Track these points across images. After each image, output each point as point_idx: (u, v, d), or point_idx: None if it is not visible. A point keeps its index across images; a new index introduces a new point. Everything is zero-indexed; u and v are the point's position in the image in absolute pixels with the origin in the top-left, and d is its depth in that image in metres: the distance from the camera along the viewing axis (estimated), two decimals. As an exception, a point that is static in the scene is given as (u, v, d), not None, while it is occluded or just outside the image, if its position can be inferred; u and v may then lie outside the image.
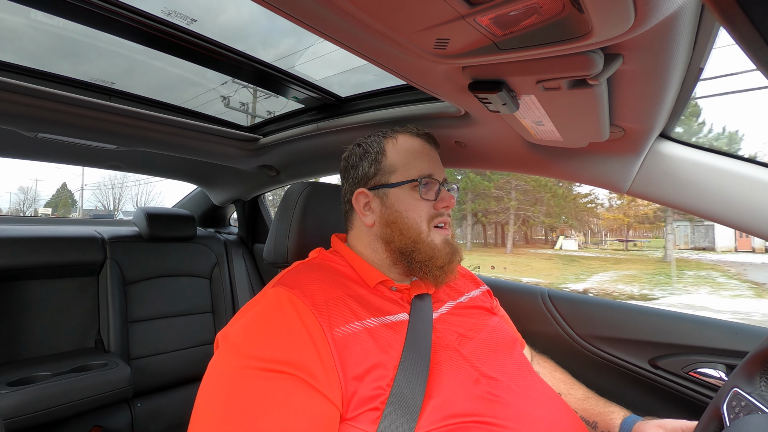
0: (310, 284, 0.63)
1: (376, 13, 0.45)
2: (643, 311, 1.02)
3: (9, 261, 1.32)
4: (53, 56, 1.01)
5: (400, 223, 0.72)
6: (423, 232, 0.72)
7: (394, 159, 0.75)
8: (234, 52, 0.92)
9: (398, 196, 0.73)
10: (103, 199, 24.26)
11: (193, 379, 1.61)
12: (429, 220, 0.73)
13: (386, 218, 0.73)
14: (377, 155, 0.76)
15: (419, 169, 0.74)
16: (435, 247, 0.71)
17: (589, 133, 0.75)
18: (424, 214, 0.73)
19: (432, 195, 0.74)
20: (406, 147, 0.76)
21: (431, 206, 0.73)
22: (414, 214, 0.72)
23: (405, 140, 0.77)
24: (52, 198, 24.41)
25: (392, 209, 0.73)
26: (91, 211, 23.16)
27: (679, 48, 0.48)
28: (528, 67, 0.53)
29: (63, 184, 24.01)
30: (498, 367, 0.66)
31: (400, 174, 0.74)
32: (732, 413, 0.47)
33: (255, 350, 0.53)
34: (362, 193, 0.76)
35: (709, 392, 0.87)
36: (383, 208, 0.74)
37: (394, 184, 0.73)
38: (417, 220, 0.72)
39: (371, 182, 0.76)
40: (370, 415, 0.52)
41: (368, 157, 0.77)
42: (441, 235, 0.73)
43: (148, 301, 1.58)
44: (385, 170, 0.75)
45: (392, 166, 0.75)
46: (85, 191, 24.06)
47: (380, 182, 0.75)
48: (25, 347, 1.33)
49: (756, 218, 0.75)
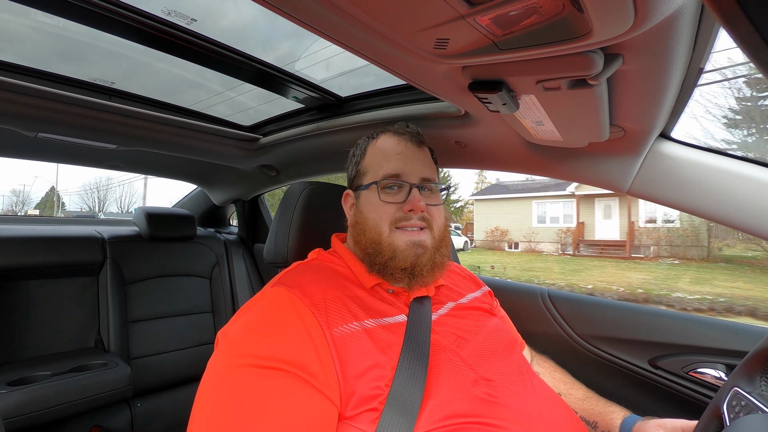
0: (309, 284, 0.63)
1: (376, 13, 0.46)
2: (643, 311, 1.02)
3: (9, 261, 1.32)
4: (55, 58, 1.01)
5: (362, 223, 0.73)
6: (383, 233, 0.70)
7: (368, 160, 0.76)
8: (234, 52, 0.92)
9: (366, 198, 0.74)
10: (89, 201, 26.29)
11: (193, 379, 1.61)
12: (392, 223, 0.70)
13: (355, 218, 0.75)
14: (359, 157, 0.79)
15: (386, 170, 0.73)
16: (396, 248, 0.69)
17: (589, 133, 0.75)
18: (386, 215, 0.70)
19: (398, 197, 0.71)
20: (381, 147, 0.76)
21: (398, 209, 0.70)
22: (374, 215, 0.71)
23: (383, 140, 0.77)
24: (41, 200, 26.40)
25: (359, 210, 0.75)
26: (75, 212, 24.57)
27: (679, 48, 0.48)
28: (528, 67, 0.53)
29: (51, 187, 25.63)
30: (497, 368, 0.66)
31: (370, 175, 0.75)
32: (732, 413, 0.47)
33: (254, 348, 0.53)
34: (348, 194, 0.80)
35: (709, 392, 0.87)
36: (356, 209, 0.76)
37: (365, 185, 0.75)
38: (377, 221, 0.70)
39: (353, 184, 0.79)
40: (369, 415, 0.53)
41: (354, 159, 0.80)
42: (405, 236, 0.69)
43: (148, 301, 1.58)
44: (360, 172, 0.77)
45: (366, 167, 0.76)
46: (72, 195, 26.56)
47: (358, 184, 0.77)
48: (25, 347, 1.33)
49: (756, 218, 0.75)
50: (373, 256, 0.70)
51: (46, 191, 25.67)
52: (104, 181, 26.11)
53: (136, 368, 1.45)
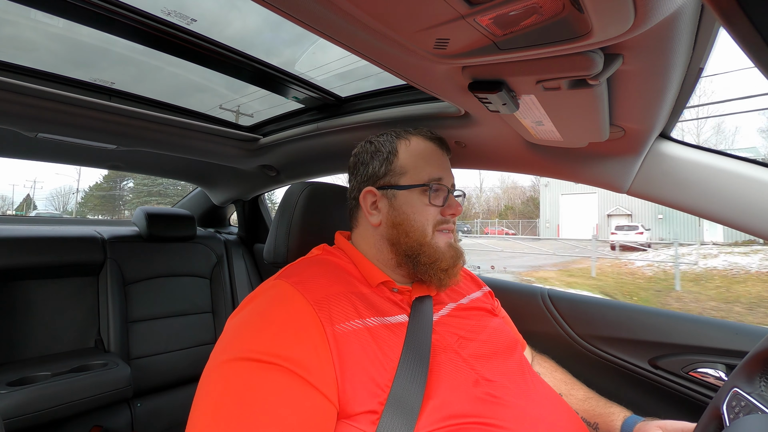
0: (312, 279, 0.63)
1: (376, 13, 0.45)
2: (643, 311, 1.02)
3: (9, 261, 1.32)
4: (66, 64, 1.02)
5: (407, 225, 0.72)
6: (428, 236, 0.72)
7: (405, 161, 0.75)
8: (234, 52, 0.92)
9: (407, 199, 0.73)
10: (56, 204, 34.36)
11: (193, 379, 1.61)
12: (435, 225, 0.73)
13: (393, 219, 0.73)
14: (389, 155, 0.76)
15: (430, 173, 0.74)
16: (439, 249, 0.72)
17: (589, 133, 0.75)
18: (431, 218, 0.73)
19: (440, 201, 0.74)
20: (419, 150, 0.76)
21: (438, 212, 0.74)
22: (421, 217, 0.72)
23: (418, 143, 0.77)
24: (19, 204, 33.93)
25: (400, 211, 0.73)
26: (42, 212, 29.71)
27: (679, 48, 0.48)
28: (528, 67, 0.53)
29: (27, 195, 33.21)
30: (498, 368, 0.66)
31: (410, 176, 0.74)
32: (732, 413, 0.47)
33: (252, 342, 0.53)
34: (370, 191, 0.76)
35: (709, 392, 0.87)
36: (391, 208, 0.74)
37: (404, 186, 0.73)
38: (423, 224, 0.72)
39: (380, 182, 0.75)
40: (369, 415, 0.52)
41: (379, 156, 0.77)
42: (445, 238, 0.74)
43: (148, 301, 1.58)
44: (395, 171, 0.75)
45: (403, 167, 0.75)
46: (43, 200, 34.60)
47: (390, 183, 0.75)
48: (25, 347, 1.33)
49: (756, 218, 0.75)
50: (416, 257, 0.71)
51: (24, 197, 33.89)
52: (68, 188, 33.85)
53: (136, 368, 1.45)
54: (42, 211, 30.21)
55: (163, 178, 1.99)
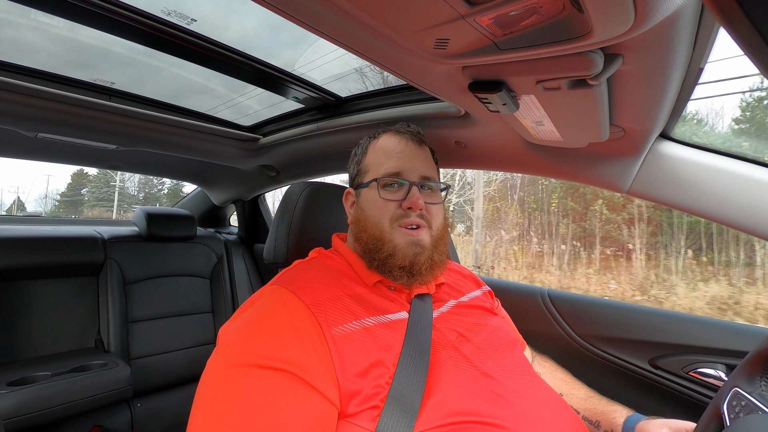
0: (309, 283, 0.63)
1: (376, 13, 0.45)
2: (643, 311, 1.02)
3: (9, 261, 1.32)
4: (68, 66, 1.02)
5: (364, 220, 0.74)
6: (385, 231, 0.71)
7: (369, 159, 0.78)
8: (234, 52, 0.92)
9: (367, 195, 0.75)
10: (43, 206, 36.83)
11: (193, 379, 1.61)
12: (392, 220, 0.71)
13: (356, 216, 0.76)
14: (360, 156, 0.80)
15: (386, 168, 0.74)
16: (396, 245, 0.70)
17: (589, 133, 0.75)
18: (387, 213, 0.71)
19: (397, 195, 0.72)
20: (382, 146, 0.77)
21: (397, 206, 0.72)
22: (375, 212, 0.72)
23: (384, 139, 0.78)
24: (8, 207, 36.14)
25: (360, 208, 0.76)
26: (31, 213, 31.50)
27: (679, 48, 0.48)
28: (528, 67, 0.53)
29: (17, 197, 35.46)
30: (498, 366, 0.66)
31: (370, 173, 0.76)
32: (732, 413, 0.47)
33: (252, 348, 0.53)
34: (349, 192, 0.81)
35: (709, 392, 0.87)
36: (357, 207, 0.77)
37: (365, 183, 0.76)
38: (378, 218, 0.72)
39: (354, 182, 0.80)
40: (370, 413, 0.53)
41: (355, 158, 0.82)
42: (406, 235, 0.70)
43: (148, 301, 1.58)
44: (362, 170, 0.78)
45: (367, 166, 0.77)
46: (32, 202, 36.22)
47: (359, 182, 0.78)
48: (25, 347, 1.33)
49: (756, 218, 0.75)
50: (373, 252, 0.70)
51: (13, 199, 36.06)
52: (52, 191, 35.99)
53: (136, 368, 1.45)
54: (31, 212, 32.58)
55: (164, 177, 2.00)
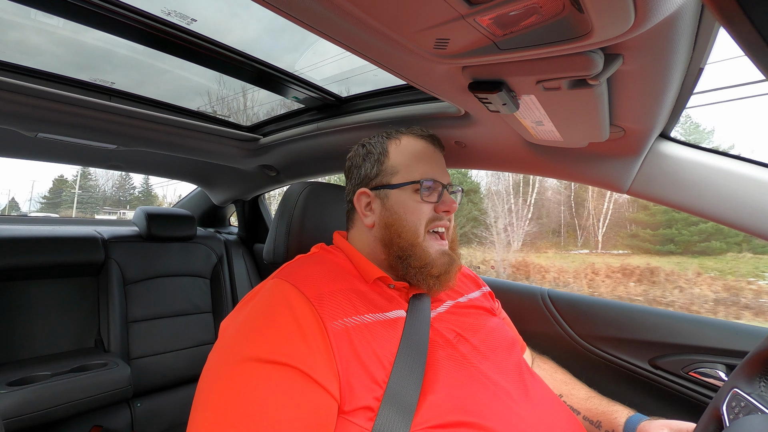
0: (309, 276, 0.63)
1: (376, 13, 0.45)
2: (643, 311, 1.02)
3: (9, 261, 1.32)
4: (71, 68, 1.02)
5: (398, 225, 0.72)
6: (420, 236, 0.71)
7: (396, 160, 0.75)
8: (235, 53, 0.92)
9: (399, 198, 0.73)
10: (29, 208, 37.17)
11: (193, 379, 1.61)
12: (428, 224, 0.72)
13: (386, 220, 0.73)
14: (380, 156, 0.77)
15: (422, 171, 0.74)
16: (429, 255, 0.71)
17: (589, 133, 0.75)
18: (424, 216, 0.72)
19: (433, 198, 0.73)
20: (410, 148, 0.76)
21: (432, 209, 0.73)
22: (413, 216, 0.72)
23: (408, 141, 0.77)
24: (3, 207, 37.09)
25: (392, 211, 0.73)
26: (25, 212, 32.19)
27: (679, 48, 0.48)
28: (528, 67, 0.53)
29: (12, 198, 36.43)
30: (496, 366, 0.66)
31: (401, 175, 0.74)
32: (732, 413, 0.47)
33: (253, 343, 0.53)
34: (364, 193, 0.76)
35: (709, 392, 0.87)
36: (383, 209, 0.74)
37: (396, 185, 0.73)
38: (416, 223, 0.72)
39: (373, 183, 0.76)
40: (366, 411, 0.52)
41: (371, 157, 0.78)
42: (437, 244, 0.73)
43: (148, 301, 1.58)
44: (387, 171, 0.75)
45: (394, 167, 0.75)
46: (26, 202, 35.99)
47: (382, 183, 0.75)
48: (25, 347, 1.33)
49: (756, 218, 0.75)
50: (407, 260, 0.71)
51: (8, 200, 37.00)
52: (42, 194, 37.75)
53: (136, 368, 1.45)
54: (26, 211, 33.42)
55: (163, 177, 2.01)
